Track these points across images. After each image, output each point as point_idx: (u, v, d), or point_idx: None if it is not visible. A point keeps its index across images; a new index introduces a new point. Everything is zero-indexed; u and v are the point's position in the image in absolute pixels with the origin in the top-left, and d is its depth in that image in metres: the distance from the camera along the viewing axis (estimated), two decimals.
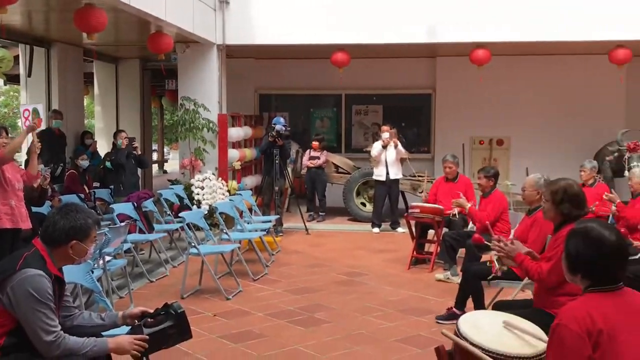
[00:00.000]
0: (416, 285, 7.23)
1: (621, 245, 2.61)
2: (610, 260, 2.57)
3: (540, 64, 12.68)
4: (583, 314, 2.49)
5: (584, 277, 2.63)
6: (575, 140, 12.44)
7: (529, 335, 3.03)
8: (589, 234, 2.62)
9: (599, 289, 2.59)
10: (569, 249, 2.68)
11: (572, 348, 2.44)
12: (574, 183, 4.11)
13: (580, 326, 2.45)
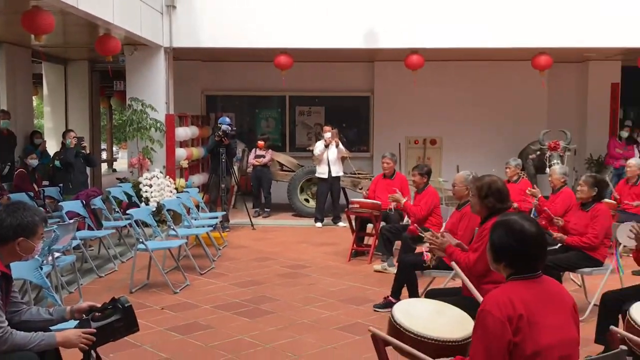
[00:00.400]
0: (356, 276, 7.30)
1: (540, 236, 2.69)
2: (530, 250, 2.65)
3: (470, 69, 12.94)
4: (505, 300, 2.56)
5: (507, 266, 2.71)
6: (501, 140, 12.75)
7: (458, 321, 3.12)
8: (511, 226, 2.70)
9: (520, 277, 2.66)
10: (493, 240, 2.75)
11: (495, 332, 2.51)
12: (498, 179, 4.23)
13: (502, 312, 2.52)
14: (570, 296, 2.74)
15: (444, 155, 13.35)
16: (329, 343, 5.07)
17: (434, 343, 2.90)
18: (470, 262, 4.14)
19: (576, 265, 5.70)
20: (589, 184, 5.76)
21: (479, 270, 4.08)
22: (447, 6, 10.45)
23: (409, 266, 5.67)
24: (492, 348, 2.51)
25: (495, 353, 2.51)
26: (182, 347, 4.98)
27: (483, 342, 2.55)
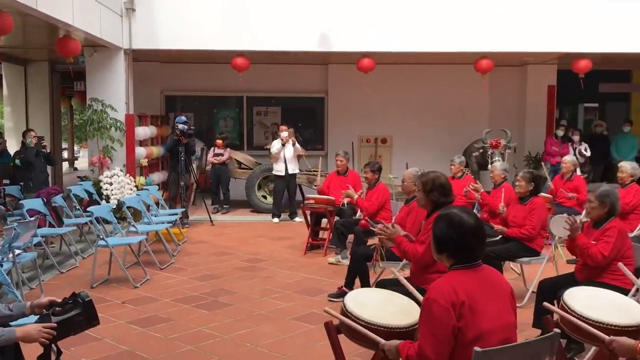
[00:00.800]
0: (311, 268, 7.31)
1: (479, 228, 2.74)
2: (470, 241, 2.70)
3: (419, 72, 13.08)
4: (448, 288, 2.60)
5: (449, 256, 2.76)
6: (447, 139, 12.93)
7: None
8: (451, 219, 2.75)
9: (461, 267, 2.71)
10: (435, 232, 2.80)
11: (440, 319, 2.56)
12: (442, 175, 4.30)
13: (446, 299, 2.57)
14: (507, 283, 2.81)
15: (394, 153, 13.47)
16: (286, 332, 5.07)
17: (383, 330, 2.93)
18: (418, 254, 4.20)
19: (516, 255, 5.84)
20: (526, 179, 5.90)
21: (427, 261, 4.14)
22: (396, 12, 10.54)
23: (361, 258, 5.71)
24: (438, 333, 2.56)
25: (441, 338, 2.55)
26: (142, 340, 4.91)
27: (430, 328, 2.59)
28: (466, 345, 2.54)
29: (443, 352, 2.55)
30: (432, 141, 13.06)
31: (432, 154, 12.33)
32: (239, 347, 4.78)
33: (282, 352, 4.64)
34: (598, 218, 4.55)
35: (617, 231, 4.39)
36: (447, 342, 2.55)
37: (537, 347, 2.59)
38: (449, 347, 2.56)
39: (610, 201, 4.49)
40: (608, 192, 4.53)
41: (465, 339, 2.55)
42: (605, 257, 4.33)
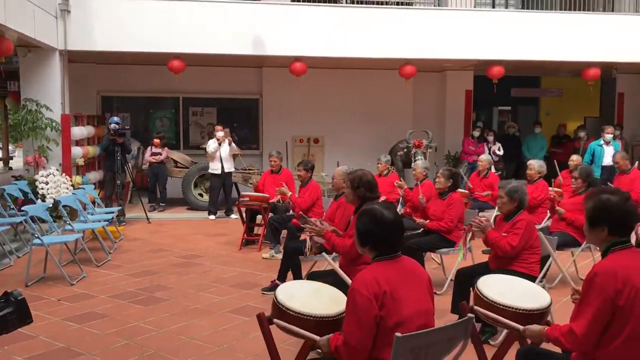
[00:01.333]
0: (246, 263, 7.26)
1: (398, 222, 2.80)
2: (390, 234, 2.76)
3: (348, 76, 13.20)
4: (371, 279, 2.65)
5: (371, 249, 2.80)
6: (375, 139, 13.11)
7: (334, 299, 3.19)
8: (374, 214, 2.79)
9: (383, 258, 2.77)
10: (359, 227, 2.84)
11: (363, 308, 2.60)
12: (368, 172, 4.37)
13: (369, 290, 2.61)
14: (425, 272, 2.88)
15: (326, 153, 13.55)
16: (221, 325, 5.02)
17: (312, 319, 2.95)
18: (347, 247, 4.24)
19: (436, 247, 6.00)
20: (445, 176, 6.07)
21: (354, 253, 4.17)
22: (327, 20, 10.62)
23: (293, 252, 5.73)
24: (362, 321, 2.59)
25: (364, 325, 2.60)
26: (78, 336, 4.74)
27: (354, 317, 2.63)
28: (388, 332, 2.58)
29: (366, 339, 2.60)
30: (361, 141, 13.21)
31: (361, 153, 12.46)
32: (174, 340, 4.69)
33: (217, 344, 4.59)
34: (508, 212, 4.73)
35: (525, 224, 4.58)
36: (370, 330, 2.59)
37: (453, 331, 2.67)
38: (372, 335, 2.60)
39: (519, 196, 4.68)
40: (516, 188, 4.71)
41: (387, 325, 2.60)
42: (514, 248, 4.51)
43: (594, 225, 2.86)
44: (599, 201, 2.85)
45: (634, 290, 2.64)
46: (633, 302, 2.64)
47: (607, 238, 2.82)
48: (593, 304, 2.68)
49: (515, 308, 3.14)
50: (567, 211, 6.17)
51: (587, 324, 2.68)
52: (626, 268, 2.69)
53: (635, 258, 2.77)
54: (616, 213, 2.80)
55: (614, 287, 2.65)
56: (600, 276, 2.70)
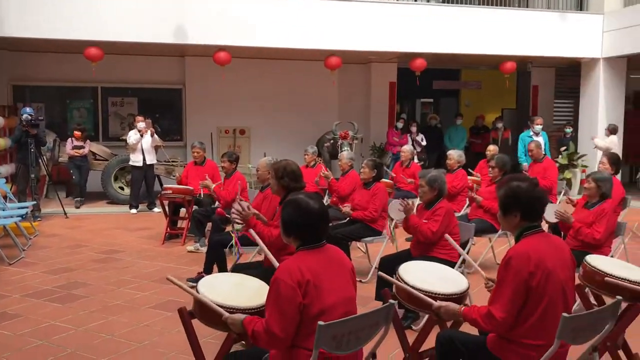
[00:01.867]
0: (169, 257, 7.10)
1: (322, 212, 2.81)
2: (314, 224, 2.76)
3: (274, 66, 13.14)
4: (295, 268, 2.65)
5: (295, 238, 2.80)
6: (301, 130, 13.13)
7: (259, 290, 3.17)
8: (298, 204, 2.79)
9: (307, 247, 2.77)
10: (283, 217, 2.83)
11: (287, 297, 2.59)
12: (293, 163, 4.37)
13: (293, 279, 2.61)
14: (348, 261, 2.91)
15: (252, 144, 13.45)
16: (142, 321, 4.89)
17: (233, 311, 2.90)
18: (273, 237, 4.23)
19: (361, 235, 6.08)
20: (369, 166, 6.16)
21: (281, 243, 4.16)
22: (252, 9, 10.49)
23: (217, 244, 5.65)
24: (285, 311, 2.59)
25: (287, 315, 2.59)
26: None
27: (277, 306, 2.61)
28: (311, 320, 2.59)
29: (289, 328, 2.59)
30: (288, 132, 13.19)
31: (288, 144, 12.46)
32: (93, 338, 4.52)
33: (138, 340, 4.47)
34: (429, 200, 4.87)
35: (445, 211, 4.73)
36: (292, 319, 2.59)
37: (375, 317, 2.71)
38: (295, 324, 2.60)
39: (439, 185, 4.82)
40: (436, 177, 4.85)
41: (310, 314, 2.61)
42: (434, 233, 4.65)
43: (506, 212, 2.98)
44: (510, 189, 2.97)
45: (546, 272, 2.78)
46: (545, 283, 2.78)
47: (520, 223, 2.95)
48: (509, 287, 2.80)
49: (433, 293, 3.23)
50: (484, 199, 6.41)
51: (505, 306, 2.79)
52: (538, 251, 2.83)
53: (546, 242, 2.92)
54: (527, 199, 2.92)
55: (527, 270, 2.77)
56: (514, 260, 2.83)
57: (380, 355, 3.10)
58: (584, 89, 12.50)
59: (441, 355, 3.09)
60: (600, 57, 11.88)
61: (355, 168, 7.70)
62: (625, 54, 11.38)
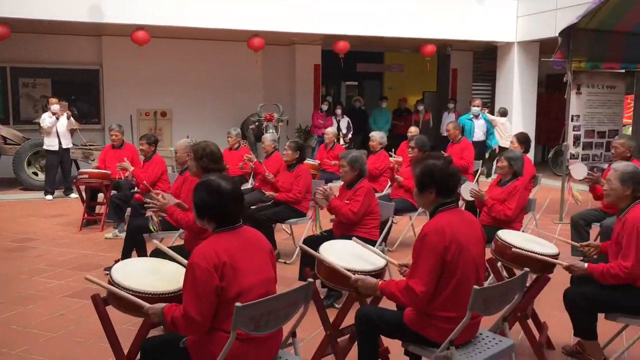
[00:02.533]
0: (86, 244, 6.84)
1: (235, 192, 2.76)
2: (228, 205, 2.71)
3: (196, 46, 12.81)
4: (210, 251, 2.60)
5: (209, 220, 2.75)
6: (225, 112, 12.96)
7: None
8: (209, 185, 2.73)
9: (223, 229, 2.73)
10: (195, 199, 2.77)
11: (203, 280, 2.54)
12: (212, 144, 4.28)
13: (208, 262, 2.56)
14: (267, 242, 2.88)
15: (174, 126, 13.10)
16: (58, 310, 4.69)
17: (150, 297, 2.83)
18: (191, 221, 4.13)
19: (285, 217, 6.08)
20: (292, 148, 6.14)
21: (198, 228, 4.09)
22: None
23: (137, 230, 5.48)
24: (202, 294, 2.54)
25: (204, 299, 2.54)
26: None
27: (193, 290, 2.56)
28: (229, 302, 2.56)
29: (206, 311, 2.55)
30: (211, 114, 12.96)
31: (212, 127, 12.25)
32: (6, 330, 4.30)
33: (53, 330, 4.29)
34: (350, 180, 4.92)
35: (365, 191, 4.80)
36: (210, 302, 2.55)
37: (293, 296, 2.70)
38: (212, 307, 2.57)
39: (359, 166, 4.89)
40: (357, 158, 4.91)
41: (228, 296, 2.58)
42: (355, 213, 4.71)
43: (422, 189, 3.06)
44: (426, 167, 3.04)
45: (459, 246, 2.88)
46: (458, 257, 2.87)
47: (435, 200, 3.04)
48: (427, 262, 2.87)
49: (351, 270, 3.26)
50: (405, 179, 6.55)
51: (424, 280, 2.87)
52: (452, 226, 2.92)
53: (459, 217, 3.01)
54: (441, 177, 3.00)
55: (442, 244, 2.86)
56: (430, 235, 2.90)
57: (302, 334, 3.13)
58: (499, 72, 12.96)
59: (360, 332, 3.14)
60: (514, 41, 12.34)
61: (280, 150, 7.67)
62: (537, 38, 11.87)
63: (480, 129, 10.20)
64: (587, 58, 7.85)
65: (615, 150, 5.78)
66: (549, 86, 14.74)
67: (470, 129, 10.14)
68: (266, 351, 2.74)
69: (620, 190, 3.58)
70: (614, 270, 3.42)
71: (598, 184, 5.66)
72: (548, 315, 4.22)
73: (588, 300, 3.51)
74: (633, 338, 3.52)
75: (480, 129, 10.12)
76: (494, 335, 3.15)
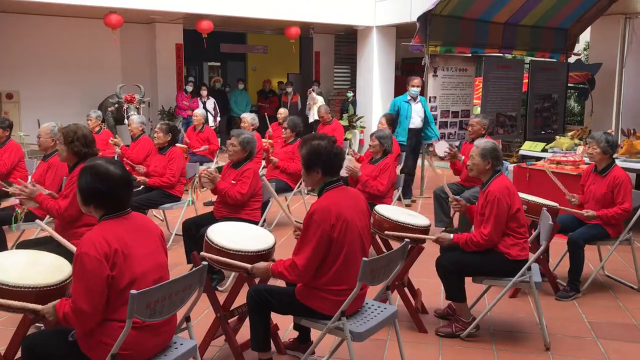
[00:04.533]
0: None
1: (125, 177, 2.66)
2: (117, 191, 2.61)
3: (45, 23, 11.86)
4: (100, 240, 2.49)
5: (97, 207, 2.62)
6: (81, 93, 12.19)
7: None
8: (97, 170, 2.61)
9: (111, 216, 2.62)
10: (80, 185, 2.63)
11: (93, 271, 2.43)
12: (83, 126, 4.09)
13: (98, 251, 2.45)
14: (156, 226, 2.82)
15: (22, 110, 12.07)
16: None
17: (32, 290, 2.66)
18: (62, 209, 3.92)
19: (159, 202, 5.90)
20: (163, 130, 5.95)
21: (72, 215, 3.90)
22: None
23: None
24: (91, 285, 2.43)
25: (94, 290, 2.44)
26: None
27: (82, 281, 2.45)
28: (121, 291, 2.48)
29: (97, 303, 2.45)
30: (66, 96, 12.11)
31: (67, 110, 11.47)
32: None
33: None
34: (238, 160, 4.91)
35: (253, 172, 4.83)
36: (100, 293, 2.45)
37: (189, 281, 2.68)
38: (103, 297, 2.47)
39: (250, 147, 4.90)
40: (249, 140, 4.92)
41: (120, 285, 2.49)
42: (244, 195, 4.73)
43: (309, 169, 3.15)
44: (312, 147, 3.14)
45: (345, 222, 3.01)
46: (345, 233, 3.01)
47: (322, 179, 3.14)
48: (313, 239, 2.98)
49: (244, 251, 3.30)
50: (280, 160, 6.65)
51: (307, 256, 2.98)
52: (338, 204, 3.05)
53: (344, 195, 3.15)
54: (327, 156, 3.11)
55: (329, 222, 2.98)
56: (317, 214, 3.01)
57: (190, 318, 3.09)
58: (360, 55, 13.46)
59: (252, 309, 3.19)
60: (373, 25, 12.87)
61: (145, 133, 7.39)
62: (394, 23, 12.48)
63: (418, 114, 8.00)
64: (442, 43, 8.42)
65: (472, 128, 6.30)
66: (404, 69, 15.61)
67: (406, 112, 7.93)
68: (162, 337, 2.70)
69: (481, 165, 3.93)
70: (476, 238, 3.79)
71: (457, 159, 6.16)
72: (419, 282, 4.55)
73: (457, 265, 3.84)
74: (495, 298, 3.92)
75: (418, 114, 7.98)
76: (378, 303, 3.35)
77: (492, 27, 9.06)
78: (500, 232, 3.78)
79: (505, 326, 4.15)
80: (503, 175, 3.96)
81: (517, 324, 4.19)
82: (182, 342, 2.83)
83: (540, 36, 9.76)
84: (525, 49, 9.75)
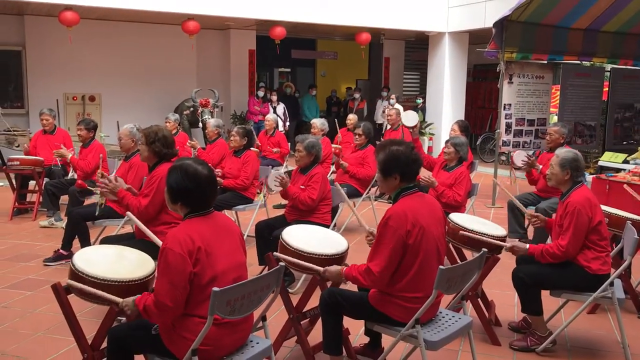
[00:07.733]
0: (20, 234, 6.52)
1: (212, 178, 2.75)
2: (204, 190, 2.69)
3: (128, 29, 12.39)
4: (184, 237, 2.57)
5: (183, 205, 2.71)
6: (158, 97, 12.62)
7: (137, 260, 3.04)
8: (186, 169, 2.70)
9: (195, 214, 2.70)
10: (170, 183, 2.72)
11: (177, 266, 2.51)
12: (163, 127, 4.24)
13: (182, 248, 2.53)
14: (237, 227, 2.89)
15: (103, 112, 12.63)
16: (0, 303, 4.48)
17: (118, 285, 2.77)
18: (142, 207, 4.06)
19: (232, 204, 6.03)
20: (240, 134, 6.09)
21: (150, 214, 4.04)
22: None
23: (79, 218, 5.29)
24: (175, 281, 2.51)
25: (177, 285, 2.52)
26: None
27: (167, 276, 2.53)
28: (202, 288, 2.55)
29: (179, 297, 2.53)
30: (143, 99, 12.59)
31: (144, 112, 11.92)
32: None
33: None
34: (305, 165, 4.96)
35: (321, 177, 4.86)
36: (183, 288, 2.53)
37: (266, 281, 2.73)
38: (185, 293, 2.55)
39: (316, 151, 4.94)
40: (314, 144, 4.95)
41: (202, 282, 2.56)
42: (314, 200, 4.76)
43: (387, 175, 3.13)
44: (390, 152, 3.11)
45: (421, 229, 2.98)
46: (420, 240, 2.98)
47: (399, 185, 3.12)
48: (388, 244, 2.96)
49: (318, 254, 3.33)
50: (350, 165, 6.66)
51: (383, 263, 2.96)
52: (414, 210, 3.02)
53: (420, 201, 3.12)
54: (405, 162, 3.09)
55: (405, 228, 2.95)
56: (393, 219, 2.99)
57: None
58: (431, 61, 13.31)
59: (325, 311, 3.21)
60: (446, 31, 12.70)
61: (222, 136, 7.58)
62: (467, 29, 12.27)
63: None
64: (518, 49, 8.21)
65: (550, 137, 6.11)
66: (475, 76, 15.32)
67: None
68: (239, 335, 2.76)
69: (560, 175, 3.80)
70: (552, 249, 3.66)
71: (534, 168, 5.99)
72: (492, 293, 4.44)
73: (535, 278, 3.73)
74: (574, 313, 3.77)
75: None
76: (453, 313, 3.30)
77: (572, 34, 8.76)
78: (578, 245, 3.65)
79: (583, 343, 3.99)
80: (584, 186, 3.82)
81: (596, 341, 4.02)
82: (258, 340, 2.88)
83: (623, 42, 9.36)
84: (607, 56, 9.36)
